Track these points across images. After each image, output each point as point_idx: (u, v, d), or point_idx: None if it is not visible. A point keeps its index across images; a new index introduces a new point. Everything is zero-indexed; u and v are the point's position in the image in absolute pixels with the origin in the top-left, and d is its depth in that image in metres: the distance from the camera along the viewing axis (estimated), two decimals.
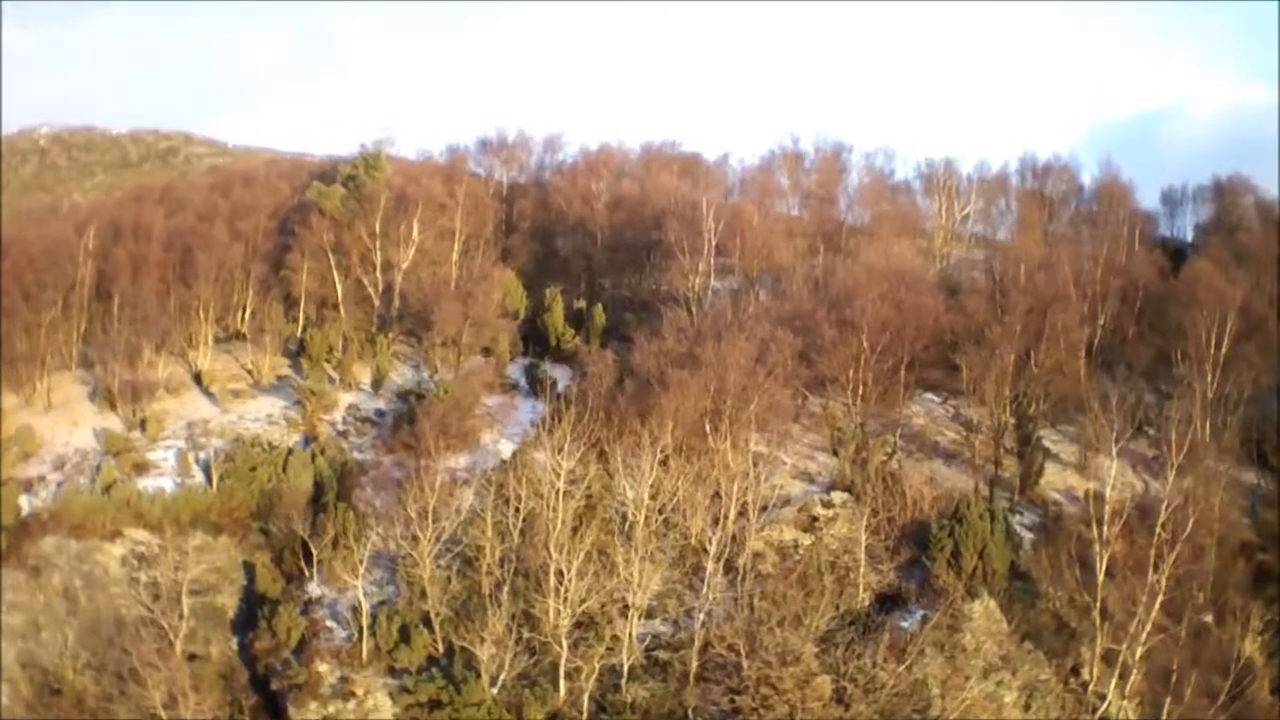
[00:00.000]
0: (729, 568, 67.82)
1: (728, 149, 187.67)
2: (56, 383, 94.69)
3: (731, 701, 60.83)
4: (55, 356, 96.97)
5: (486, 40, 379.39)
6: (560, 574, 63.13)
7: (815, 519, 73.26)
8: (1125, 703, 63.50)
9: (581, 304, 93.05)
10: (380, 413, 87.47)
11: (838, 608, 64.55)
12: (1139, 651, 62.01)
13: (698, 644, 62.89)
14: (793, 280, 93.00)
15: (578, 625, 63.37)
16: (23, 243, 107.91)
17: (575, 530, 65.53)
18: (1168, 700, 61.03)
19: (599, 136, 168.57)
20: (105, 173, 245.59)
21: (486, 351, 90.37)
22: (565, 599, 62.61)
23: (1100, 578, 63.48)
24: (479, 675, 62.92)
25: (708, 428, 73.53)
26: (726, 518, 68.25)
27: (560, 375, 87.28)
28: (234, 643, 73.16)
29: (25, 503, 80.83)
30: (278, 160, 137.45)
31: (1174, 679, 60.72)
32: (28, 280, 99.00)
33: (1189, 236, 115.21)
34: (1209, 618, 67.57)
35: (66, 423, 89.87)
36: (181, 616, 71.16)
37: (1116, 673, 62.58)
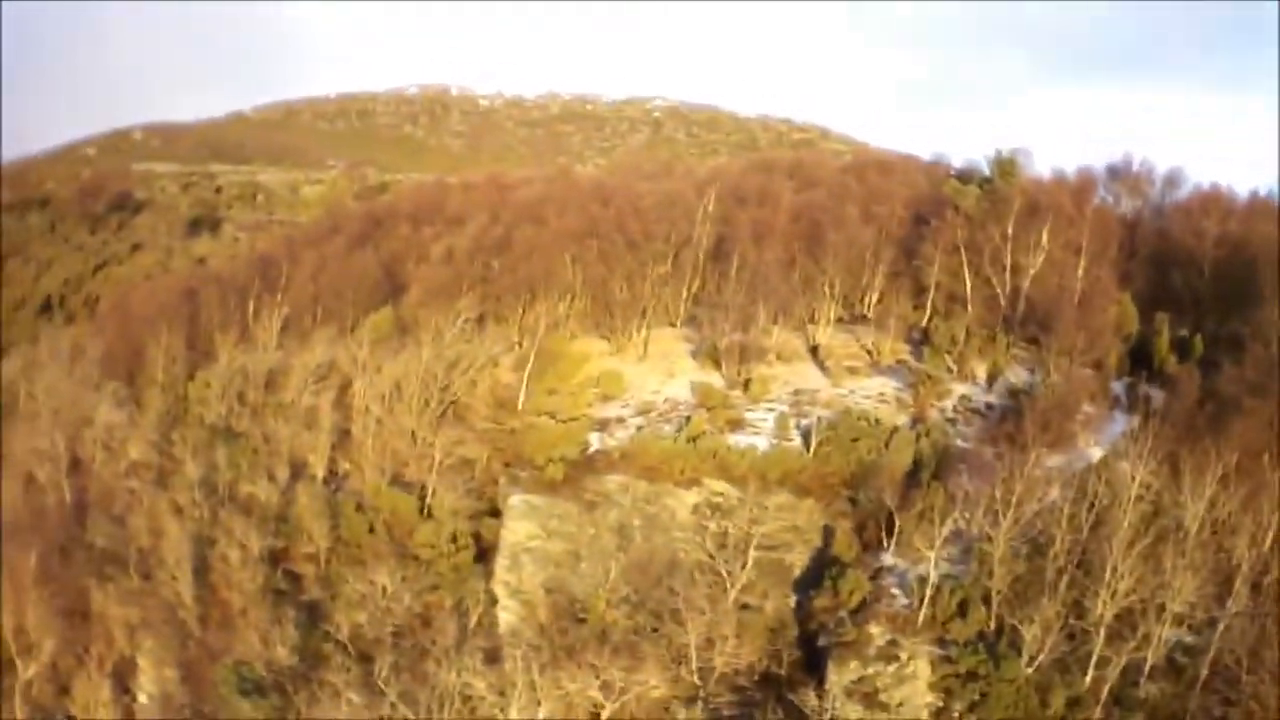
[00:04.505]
0: (1256, 589, 74.86)
1: None
2: (656, 336, 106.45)
3: (1224, 712, 69.54)
4: (660, 311, 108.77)
5: None
6: (1114, 569, 72.62)
7: None
8: None
9: (1184, 333, 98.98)
10: (989, 406, 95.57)
11: None
12: None
13: (1210, 654, 71.24)
14: None
15: (1116, 619, 72.50)
16: (630, 194, 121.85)
17: (1137, 533, 74.38)
18: None
19: (1209, 177, 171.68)
20: (730, 153, 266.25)
21: (1096, 365, 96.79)
22: (1114, 592, 72.34)
23: None
24: (1019, 654, 72.69)
25: (1265, 457, 79.49)
26: (1262, 543, 75.37)
27: (1157, 396, 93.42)
28: (791, 599, 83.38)
29: (594, 440, 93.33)
30: (911, 158, 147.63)
31: None
32: (633, 231, 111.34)
33: None
34: None
35: (661, 373, 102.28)
36: (744, 567, 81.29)
37: None
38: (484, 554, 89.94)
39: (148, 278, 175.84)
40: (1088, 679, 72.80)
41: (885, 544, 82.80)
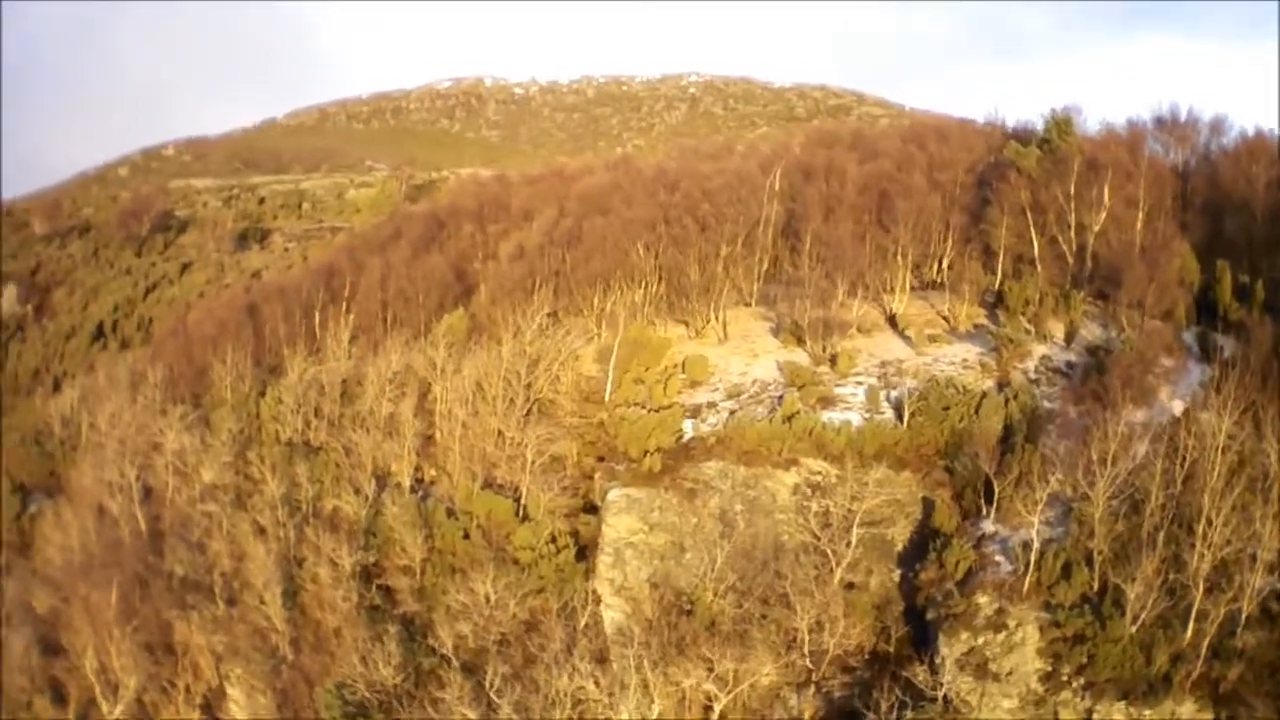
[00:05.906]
0: None
1: None
2: (733, 316, 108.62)
3: None
4: (733, 291, 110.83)
5: None
6: (1209, 521, 74.55)
7: None
8: None
9: (1245, 278, 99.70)
10: (1070, 365, 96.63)
11: None
12: None
13: None
14: None
15: (1212, 571, 74.46)
16: (696, 177, 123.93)
17: (1227, 484, 76.05)
18: None
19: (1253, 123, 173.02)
20: (769, 125, 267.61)
21: (1166, 316, 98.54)
22: (1210, 544, 74.39)
23: None
24: (1124, 613, 74.82)
25: None
26: None
27: (1225, 343, 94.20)
28: (895, 575, 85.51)
29: (688, 427, 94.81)
30: (967, 122, 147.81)
31: None
32: (704, 213, 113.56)
33: None
34: None
35: (745, 354, 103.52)
36: (849, 545, 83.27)
37: None
38: (583, 552, 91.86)
39: (201, 296, 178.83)
40: (1188, 633, 74.65)
41: (985, 511, 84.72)
